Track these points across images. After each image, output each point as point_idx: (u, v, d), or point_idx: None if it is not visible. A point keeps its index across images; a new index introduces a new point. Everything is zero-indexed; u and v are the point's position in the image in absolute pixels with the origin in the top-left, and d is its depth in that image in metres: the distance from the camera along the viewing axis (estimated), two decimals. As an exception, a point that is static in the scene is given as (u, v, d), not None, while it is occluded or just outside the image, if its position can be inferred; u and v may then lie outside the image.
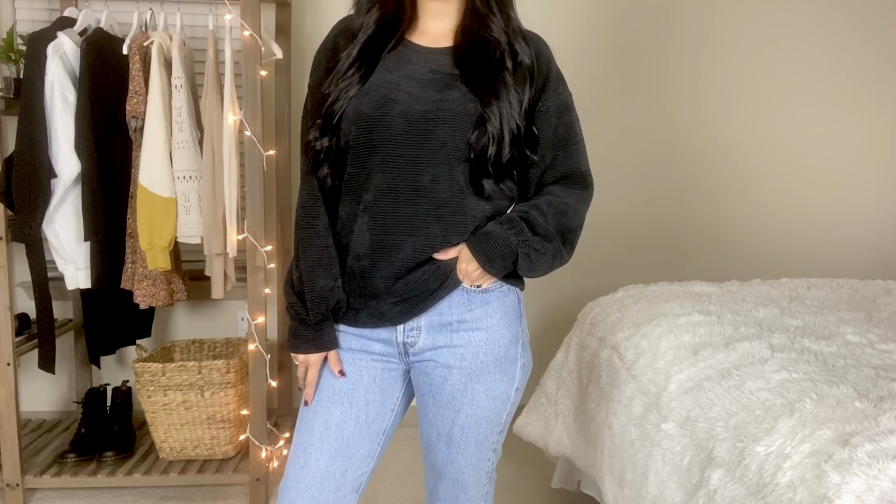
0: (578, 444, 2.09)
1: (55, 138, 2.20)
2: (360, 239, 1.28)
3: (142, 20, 2.32)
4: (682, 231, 3.03)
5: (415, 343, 1.32)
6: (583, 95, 2.90)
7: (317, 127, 1.30)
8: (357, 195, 1.28)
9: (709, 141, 2.99)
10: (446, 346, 1.31)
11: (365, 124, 1.26)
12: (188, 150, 2.23)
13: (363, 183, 1.27)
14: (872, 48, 3.00)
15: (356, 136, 1.27)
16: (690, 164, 2.99)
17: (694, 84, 2.94)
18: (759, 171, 3.02)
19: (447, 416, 1.35)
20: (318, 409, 1.33)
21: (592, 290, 2.99)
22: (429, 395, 1.35)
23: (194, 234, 2.27)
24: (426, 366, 1.33)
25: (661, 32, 2.91)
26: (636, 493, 1.64)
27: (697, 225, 3.03)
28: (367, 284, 1.29)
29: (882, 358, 1.62)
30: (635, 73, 2.92)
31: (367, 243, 1.27)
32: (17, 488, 2.25)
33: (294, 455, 1.33)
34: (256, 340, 2.23)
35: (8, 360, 2.20)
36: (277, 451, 2.52)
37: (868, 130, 3.06)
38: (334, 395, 1.32)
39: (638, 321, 1.98)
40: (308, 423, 1.33)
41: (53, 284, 2.37)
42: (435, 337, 1.31)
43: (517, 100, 1.29)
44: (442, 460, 1.39)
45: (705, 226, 3.03)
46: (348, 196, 1.30)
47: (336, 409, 1.32)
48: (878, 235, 3.12)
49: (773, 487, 1.23)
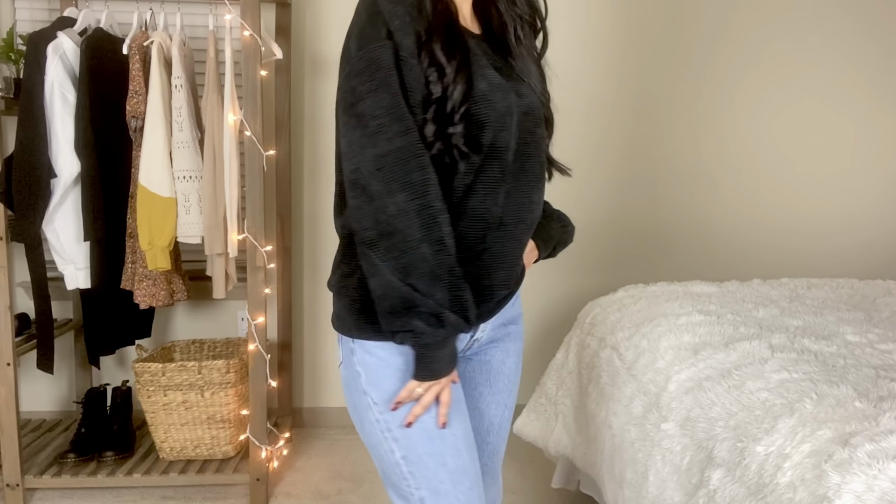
0: (578, 444, 2.09)
1: (55, 138, 2.20)
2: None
3: (142, 20, 2.32)
4: (682, 231, 3.03)
5: (482, 337, 1.28)
6: (583, 95, 2.91)
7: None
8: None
9: (709, 141, 2.99)
10: (504, 336, 1.33)
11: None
12: (188, 150, 2.23)
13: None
14: (875, 49, 3.00)
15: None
16: (691, 164, 2.99)
17: (694, 84, 2.94)
18: (760, 171, 3.02)
19: (503, 401, 1.35)
20: (455, 426, 1.19)
21: (592, 290, 2.99)
22: (485, 385, 1.33)
23: (194, 234, 2.27)
24: (485, 355, 1.32)
25: (664, 31, 2.91)
26: (636, 493, 1.64)
27: (697, 225, 3.03)
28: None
29: (882, 358, 1.62)
30: (636, 73, 2.92)
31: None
32: (17, 488, 2.25)
33: (456, 480, 1.18)
34: (256, 340, 2.23)
35: (8, 360, 2.20)
36: (277, 451, 2.52)
37: (868, 130, 3.05)
38: (456, 406, 1.20)
39: (638, 321, 1.98)
40: (452, 442, 1.19)
41: (53, 284, 2.37)
42: (496, 329, 1.31)
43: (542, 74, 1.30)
44: (489, 454, 1.37)
45: (706, 226, 3.03)
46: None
47: (465, 420, 1.22)
48: (879, 235, 3.12)
49: (773, 487, 1.23)
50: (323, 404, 2.98)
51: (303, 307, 2.93)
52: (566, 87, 2.88)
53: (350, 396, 1.22)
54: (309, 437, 2.88)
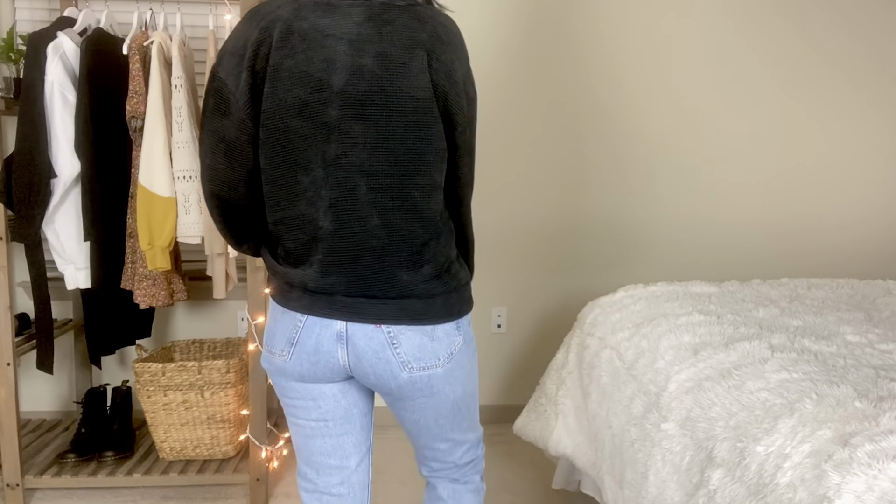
0: (579, 444, 2.09)
1: (55, 138, 2.20)
2: None
3: (142, 20, 2.32)
4: (682, 231, 3.03)
5: None
6: (581, 95, 2.91)
7: None
8: None
9: (709, 141, 2.99)
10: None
11: None
12: (188, 150, 2.23)
13: None
14: (875, 48, 3.00)
15: None
16: (690, 164, 2.99)
17: (695, 84, 2.94)
18: (760, 170, 3.03)
19: None
20: None
21: (592, 290, 3.00)
22: None
23: (194, 234, 2.27)
24: None
25: (662, 27, 2.91)
26: (636, 493, 1.64)
27: (697, 225, 3.03)
28: None
29: (882, 358, 1.62)
30: (637, 73, 2.92)
31: None
32: (17, 488, 2.26)
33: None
34: (256, 340, 2.23)
35: (8, 360, 2.20)
36: (277, 451, 2.52)
37: (868, 130, 3.06)
38: None
39: (638, 321, 1.98)
40: None
41: (53, 284, 2.37)
42: None
43: None
44: None
45: (705, 226, 3.04)
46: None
47: None
48: (879, 235, 3.13)
49: (773, 487, 1.23)
50: (323, 404, 2.98)
51: (303, 307, 2.92)
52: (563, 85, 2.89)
53: (469, 363, 1.38)
54: (309, 437, 2.88)
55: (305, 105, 1.18)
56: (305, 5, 1.19)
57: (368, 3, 1.20)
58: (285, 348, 1.29)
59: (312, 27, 1.18)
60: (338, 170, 1.20)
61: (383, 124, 1.18)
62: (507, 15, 2.81)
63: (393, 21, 1.18)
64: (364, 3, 1.20)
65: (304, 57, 1.17)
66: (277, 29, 1.17)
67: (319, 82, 1.17)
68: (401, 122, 1.19)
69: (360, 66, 1.17)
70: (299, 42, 1.17)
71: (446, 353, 1.30)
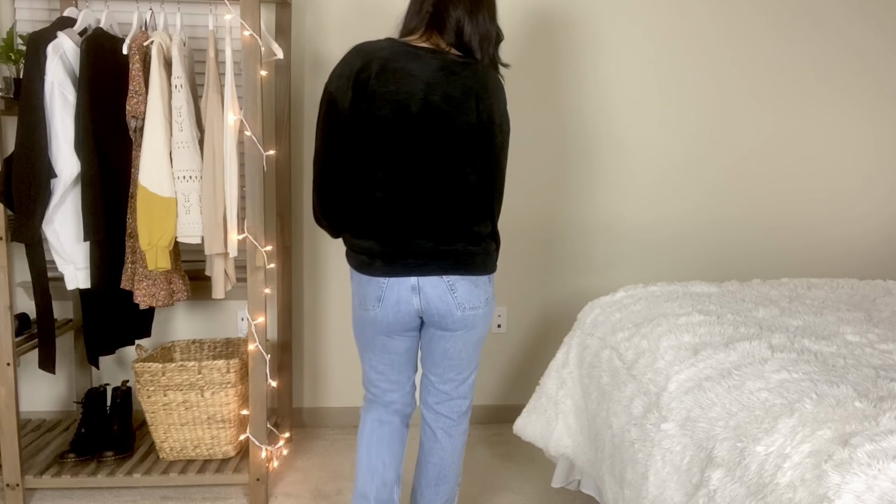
0: (579, 444, 2.09)
1: (55, 138, 2.20)
2: None
3: (142, 20, 2.32)
4: (682, 231, 3.03)
5: None
6: (581, 95, 2.91)
7: None
8: None
9: (709, 141, 2.99)
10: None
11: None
12: (188, 150, 2.23)
13: None
14: (878, 48, 3.00)
15: None
16: (690, 164, 2.99)
17: (694, 84, 2.95)
18: (759, 170, 3.03)
19: None
20: None
21: (592, 290, 3.00)
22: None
23: (194, 234, 2.27)
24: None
25: (669, 30, 2.91)
26: (636, 493, 1.64)
27: (697, 225, 3.03)
28: None
29: (882, 358, 1.62)
30: (638, 73, 2.92)
31: None
32: (16, 488, 2.26)
33: None
34: (256, 340, 2.23)
35: (8, 360, 2.20)
36: (277, 451, 2.53)
37: (868, 129, 3.06)
38: None
39: (638, 321, 1.98)
40: None
41: (53, 284, 2.37)
42: None
43: None
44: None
45: (705, 226, 3.04)
46: None
47: None
48: (879, 235, 3.13)
49: (773, 487, 1.23)
50: (323, 404, 2.98)
51: (303, 307, 2.93)
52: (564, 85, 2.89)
53: (492, 311, 1.84)
54: (309, 437, 2.88)
55: (388, 121, 1.65)
56: (398, 52, 1.67)
57: (443, 57, 1.68)
58: (376, 304, 1.74)
59: (402, 68, 1.65)
60: (408, 168, 1.66)
61: (443, 140, 1.66)
62: (508, 15, 2.81)
63: (458, 73, 1.67)
64: (441, 56, 1.68)
65: (394, 88, 1.64)
66: (376, 64, 1.65)
67: (401, 106, 1.64)
68: (455, 140, 1.67)
69: (430, 101, 1.65)
70: (391, 77, 1.64)
71: (485, 299, 1.78)
